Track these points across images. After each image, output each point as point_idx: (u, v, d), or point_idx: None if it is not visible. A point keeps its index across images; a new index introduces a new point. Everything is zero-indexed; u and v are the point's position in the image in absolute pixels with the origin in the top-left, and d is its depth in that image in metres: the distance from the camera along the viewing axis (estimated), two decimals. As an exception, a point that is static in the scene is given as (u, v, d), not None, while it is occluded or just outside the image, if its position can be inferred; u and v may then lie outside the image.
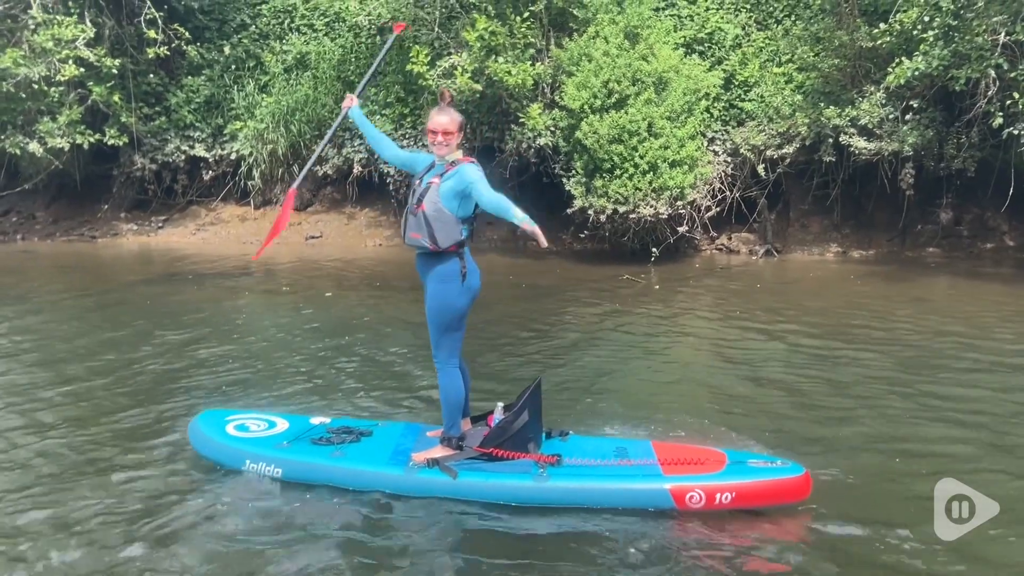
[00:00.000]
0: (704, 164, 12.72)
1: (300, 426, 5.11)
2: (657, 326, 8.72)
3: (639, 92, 12.19)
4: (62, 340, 8.11)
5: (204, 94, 16.09)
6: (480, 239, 14.97)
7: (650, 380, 6.81)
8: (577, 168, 12.55)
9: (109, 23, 15.39)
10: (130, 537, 4.10)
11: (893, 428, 5.60)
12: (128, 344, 7.91)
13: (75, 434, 5.47)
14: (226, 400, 6.12)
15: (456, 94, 13.14)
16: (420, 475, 4.55)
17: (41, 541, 4.07)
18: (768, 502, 4.38)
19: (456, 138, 4.60)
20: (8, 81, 14.51)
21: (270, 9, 16.49)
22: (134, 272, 12.84)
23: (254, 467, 4.72)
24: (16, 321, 8.97)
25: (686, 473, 4.44)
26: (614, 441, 5.00)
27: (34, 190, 16.92)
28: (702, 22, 13.88)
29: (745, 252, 13.44)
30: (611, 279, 11.41)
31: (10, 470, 4.93)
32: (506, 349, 7.76)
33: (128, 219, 16.82)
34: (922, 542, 4.07)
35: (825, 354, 7.49)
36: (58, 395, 6.33)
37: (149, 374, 6.89)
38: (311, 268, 12.88)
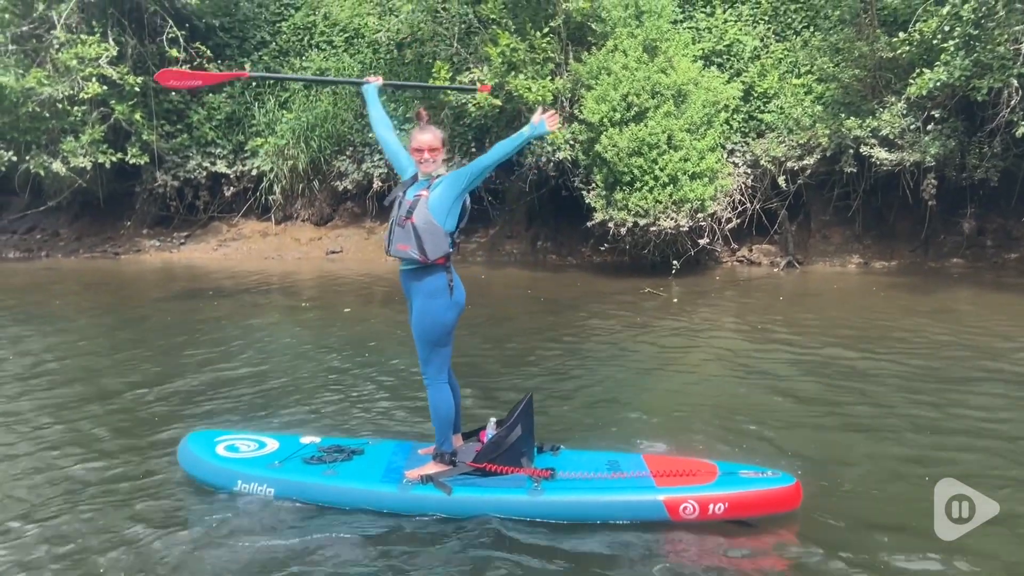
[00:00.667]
0: (724, 176, 12.70)
1: (290, 446, 5.09)
2: (678, 339, 8.69)
3: (658, 105, 12.19)
4: (80, 357, 8.20)
5: (225, 111, 16.24)
6: (499, 253, 15.01)
7: (670, 393, 6.80)
8: (597, 181, 12.56)
9: (131, 41, 15.59)
10: (123, 557, 4.09)
11: (911, 437, 5.58)
12: (143, 361, 7.97)
13: (73, 453, 5.47)
14: (224, 420, 6.07)
15: (475, 109, 13.21)
16: (414, 492, 4.56)
17: (31, 559, 4.09)
18: (760, 512, 4.41)
19: (441, 154, 4.66)
20: (32, 101, 14.69)
21: (290, 26, 16.65)
22: (156, 288, 12.95)
23: (246, 487, 4.71)
24: (36, 338, 9.04)
25: (679, 484, 4.47)
26: (606, 455, 4.99)
27: (58, 208, 17.13)
28: (720, 34, 13.88)
29: (766, 264, 13.38)
30: (632, 292, 11.38)
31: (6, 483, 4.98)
32: (527, 362, 7.77)
33: (150, 235, 16.97)
34: (922, 543, 4.10)
35: (847, 365, 7.44)
36: (68, 411, 6.36)
37: (157, 393, 6.89)
38: (332, 283, 12.94)
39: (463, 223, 4.63)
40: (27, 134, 15.26)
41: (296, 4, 16.82)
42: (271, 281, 13.10)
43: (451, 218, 4.54)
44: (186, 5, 15.40)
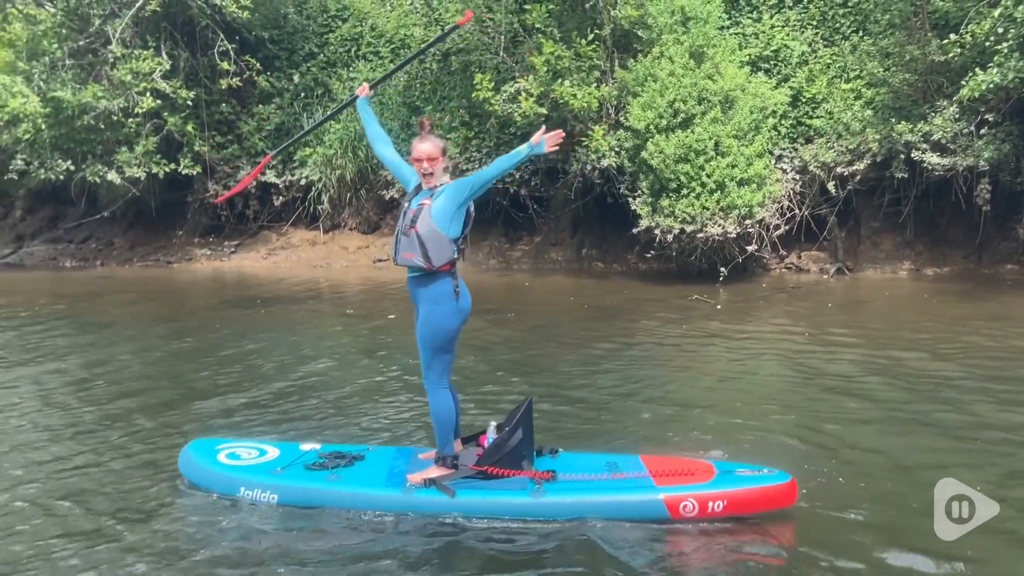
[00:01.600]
0: (772, 182, 12.61)
1: (291, 453, 5.13)
2: (725, 346, 8.62)
3: (705, 111, 12.16)
4: (122, 363, 8.37)
5: (275, 122, 16.51)
6: (544, 260, 15.04)
7: (714, 400, 6.74)
8: (643, 188, 12.54)
9: (184, 55, 15.93)
10: (132, 562, 4.13)
11: (931, 440, 5.54)
12: (176, 368, 8.13)
13: (88, 464, 5.50)
14: (231, 427, 6.12)
15: (520, 118, 13.26)
16: (418, 495, 4.61)
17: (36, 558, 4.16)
18: (758, 509, 4.48)
19: (440, 163, 4.67)
20: (89, 114, 15.08)
21: (337, 38, 16.89)
22: (206, 297, 13.17)
23: (249, 493, 4.75)
24: (85, 345, 9.25)
25: (678, 483, 4.54)
26: (604, 456, 5.04)
27: (112, 217, 17.55)
28: (767, 40, 13.80)
29: (815, 270, 13.24)
30: (678, 299, 11.34)
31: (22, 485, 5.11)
32: (572, 371, 7.74)
33: (201, 244, 17.30)
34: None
35: (894, 371, 7.33)
36: (101, 418, 6.47)
37: (172, 400, 6.99)
38: (378, 291, 13.06)
39: (468, 229, 4.68)
40: (83, 145, 15.67)
41: (343, 16, 17.06)
42: (319, 289, 13.28)
43: (455, 225, 4.58)
44: (236, 18, 15.68)
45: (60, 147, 15.60)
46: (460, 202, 4.55)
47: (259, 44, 16.77)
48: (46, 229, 19.25)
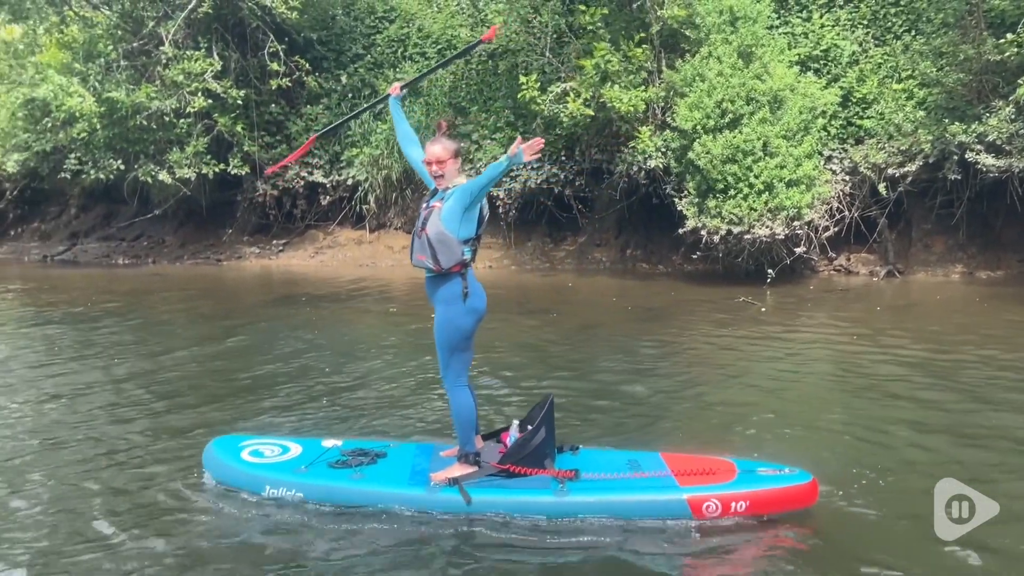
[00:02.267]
0: (821, 183, 12.46)
1: (313, 450, 5.14)
2: (769, 348, 8.52)
3: (754, 111, 12.05)
4: (169, 358, 8.52)
5: (322, 122, 16.69)
6: (588, 261, 15.03)
7: (752, 401, 6.67)
8: (689, 189, 12.47)
9: (234, 56, 16.19)
10: (155, 557, 4.19)
11: (982, 451, 5.38)
12: (223, 364, 8.27)
13: (117, 456, 5.59)
14: (262, 422, 6.20)
15: (567, 119, 13.26)
16: (442, 493, 4.63)
17: (61, 555, 4.22)
18: (780, 509, 4.48)
19: (449, 166, 4.69)
20: (142, 114, 15.39)
21: (384, 39, 17.03)
22: (254, 295, 13.35)
23: (274, 492, 4.77)
24: (134, 344, 9.41)
25: (701, 483, 4.53)
26: (625, 454, 5.05)
27: (164, 216, 17.88)
28: (817, 39, 13.64)
29: (865, 273, 13.06)
30: (724, 300, 11.24)
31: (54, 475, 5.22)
32: (612, 370, 7.73)
33: (250, 243, 17.56)
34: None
35: (943, 377, 7.16)
36: (137, 412, 6.59)
37: (220, 396, 7.09)
38: (421, 290, 13.05)
39: (481, 230, 4.70)
40: (135, 145, 16.00)
41: (390, 17, 17.21)
42: (364, 288, 13.39)
43: (465, 227, 4.59)
44: (286, 20, 15.89)
45: (113, 147, 15.96)
46: (464, 206, 4.55)
47: (308, 45, 16.98)
48: (99, 227, 19.69)
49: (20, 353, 8.95)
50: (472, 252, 4.67)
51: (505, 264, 15.29)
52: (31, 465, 5.45)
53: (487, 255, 15.65)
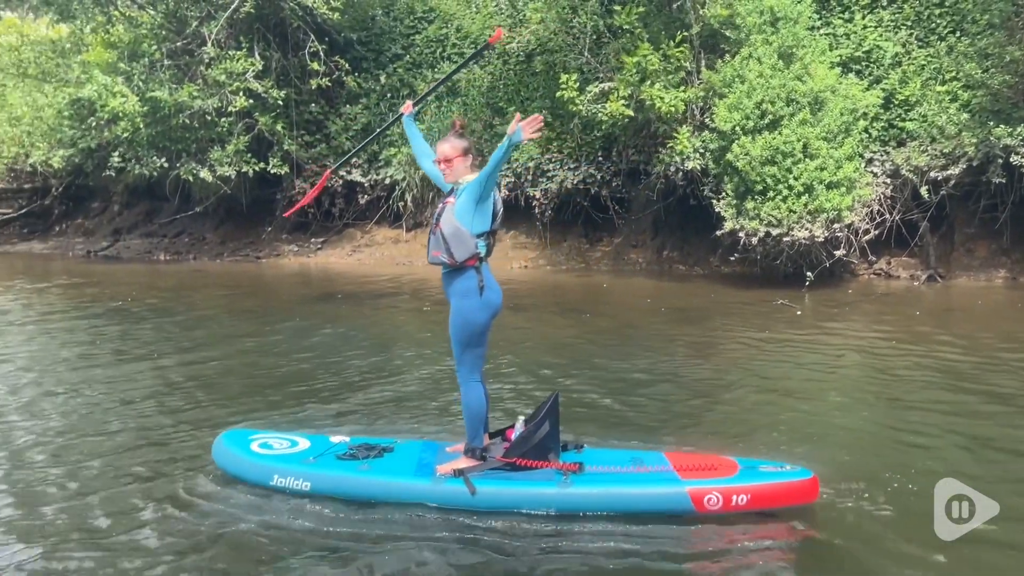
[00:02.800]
0: (862, 186, 12.33)
1: (321, 444, 5.24)
2: (804, 352, 8.44)
3: (794, 113, 11.96)
4: (202, 352, 8.72)
5: (361, 122, 16.85)
6: (623, 262, 15.00)
7: (784, 406, 6.64)
8: (727, 190, 12.40)
9: (276, 56, 16.38)
10: (162, 541, 4.32)
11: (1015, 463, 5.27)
12: (253, 358, 8.43)
13: (135, 447, 5.75)
14: (271, 417, 6.30)
15: (607, 118, 13.25)
16: (447, 485, 4.71)
17: (68, 540, 4.34)
18: (780, 504, 4.57)
19: (457, 163, 4.76)
20: (184, 113, 15.63)
21: (423, 39, 17.14)
22: (291, 291, 13.52)
23: (282, 482, 4.87)
24: (170, 337, 9.62)
25: (703, 477, 4.61)
26: (628, 452, 5.13)
27: (204, 213, 18.16)
28: (859, 40, 13.48)
29: (905, 277, 12.89)
30: (760, 303, 11.16)
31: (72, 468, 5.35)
32: (641, 370, 7.72)
33: (289, 241, 17.76)
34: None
35: (978, 384, 7.04)
36: (160, 403, 6.78)
37: (245, 389, 7.25)
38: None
39: (496, 224, 4.76)
40: (178, 143, 16.24)
41: (429, 18, 17.31)
42: (400, 286, 13.48)
43: (479, 220, 4.65)
44: (327, 20, 16.05)
45: (156, 145, 16.21)
46: (475, 198, 4.61)
47: (347, 45, 17.14)
48: (142, 223, 20.03)
49: (62, 344, 9.20)
50: (487, 247, 4.74)
51: (540, 264, 15.32)
52: (50, 451, 5.65)
53: (522, 255, 15.69)
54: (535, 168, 15.16)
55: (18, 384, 7.44)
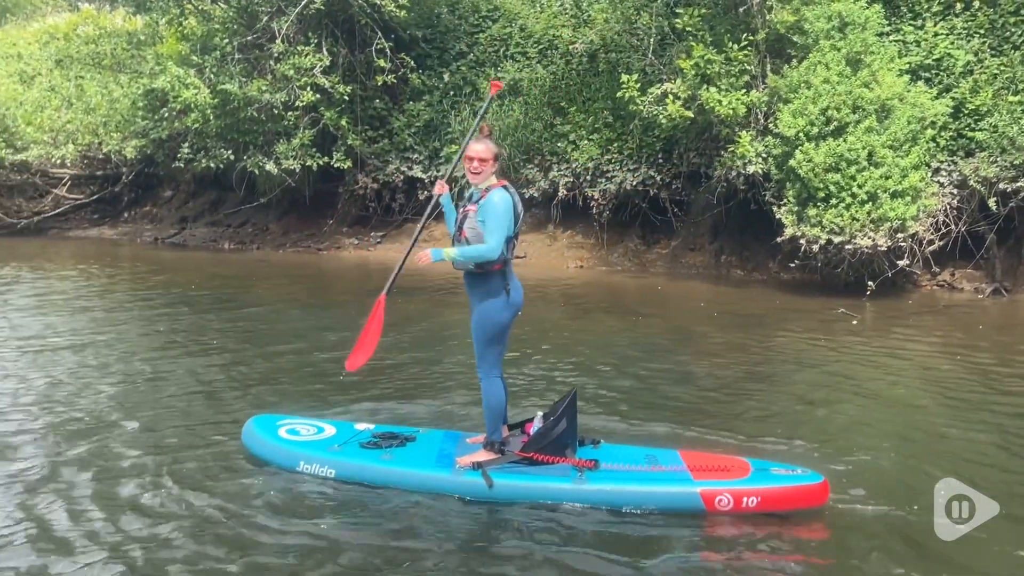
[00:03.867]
0: (928, 196, 12.13)
1: (346, 431, 5.45)
2: (857, 362, 8.36)
3: (860, 120, 11.82)
4: (249, 336, 9.18)
5: (424, 118, 17.05)
6: (680, 265, 14.95)
7: (823, 414, 6.68)
8: (789, 196, 12.30)
9: (343, 52, 16.66)
10: (188, 526, 4.51)
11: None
12: (302, 346, 8.76)
13: (168, 428, 6.04)
14: (300, 405, 6.50)
15: (666, 120, 13.24)
16: (466, 477, 4.87)
17: (96, 515, 4.61)
18: (790, 507, 4.69)
19: (490, 166, 4.94)
20: (252, 106, 15.99)
21: (487, 38, 17.28)
22: (349, 283, 13.82)
23: (308, 467, 5.09)
24: (228, 324, 9.98)
25: (715, 478, 4.75)
26: (644, 450, 5.27)
27: (268, 204, 18.54)
28: (930, 48, 13.25)
29: (969, 290, 12.64)
30: (818, 311, 11.06)
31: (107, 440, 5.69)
32: (683, 375, 7.82)
33: (349, 234, 18.06)
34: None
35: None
36: (203, 388, 7.11)
37: (287, 377, 7.59)
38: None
39: (519, 227, 4.98)
40: (245, 135, 16.62)
41: (493, 16, 17.45)
42: (454, 282, 13.60)
43: (501, 232, 4.82)
44: (393, 17, 16.28)
45: (224, 137, 16.60)
46: (481, 220, 4.83)
47: (412, 42, 17.35)
48: (208, 213, 20.52)
49: (129, 327, 9.75)
50: (510, 249, 4.91)
51: (595, 264, 15.35)
52: (86, 425, 6.07)
53: (577, 254, 15.73)
54: (594, 168, 15.20)
55: (82, 360, 7.96)
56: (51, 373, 7.46)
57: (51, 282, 13.05)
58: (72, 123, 19.98)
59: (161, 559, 4.14)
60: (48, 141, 19.63)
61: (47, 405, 6.51)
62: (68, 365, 7.76)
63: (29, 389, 6.96)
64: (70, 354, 8.19)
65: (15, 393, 6.84)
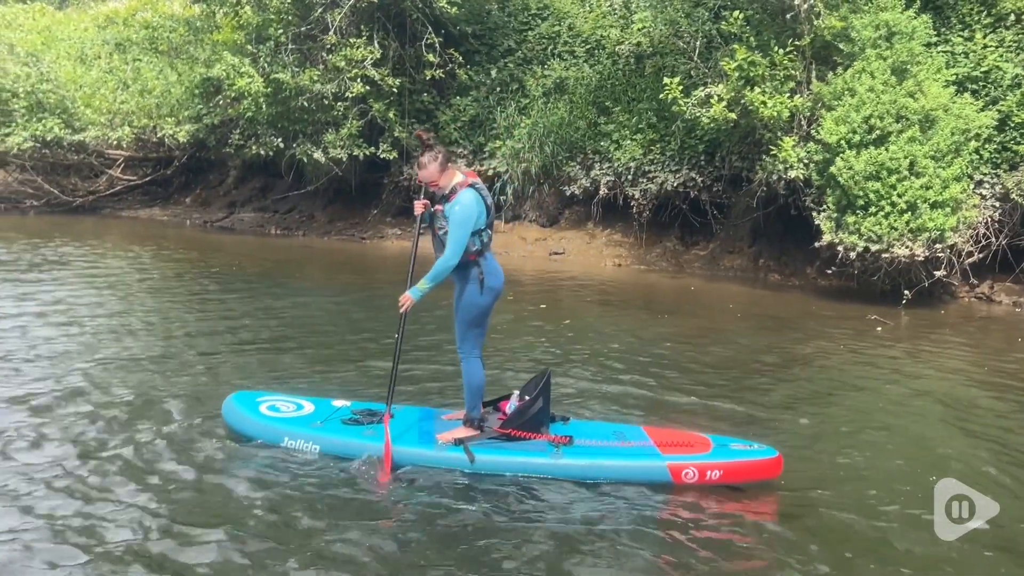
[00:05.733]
0: (969, 207, 12.12)
1: (325, 408, 5.70)
2: (879, 370, 8.46)
3: (903, 129, 11.86)
4: (278, 319, 9.61)
5: (470, 113, 17.32)
6: (718, 267, 15.06)
7: (840, 413, 6.86)
8: (828, 203, 12.36)
9: (393, 45, 16.98)
10: (175, 499, 4.75)
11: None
12: (323, 328, 9.22)
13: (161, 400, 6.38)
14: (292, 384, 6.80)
15: (709, 121, 13.35)
16: (449, 452, 5.21)
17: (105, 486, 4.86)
18: (748, 479, 5.17)
19: (443, 180, 5.27)
20: (304, 96, 16.38)
21: (535, 35, 17.50)
22: (389, 272, 14.10)
23: (292, 443, 5.34)
24: (264, 306, 10.44)
25: (680, 453, 5.20)
26: (611, 426, 5.71)
27: (315, 192, 18.95)
28: (978, 60, 13.21)
29: (1008, 303, 12.60)
30: (852, 318, 11.15)
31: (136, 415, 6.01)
32: (689, 369, 8.09)
33: (392, 224, 18.39)
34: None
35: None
36: (208, 363, 7.51)
37: (298, 357, 7.98)
38: (546, 281, 13.58)
39: (491, 219, 5.35)
40: (295, 124, 17.02)
41: (543, 15, 17.67)
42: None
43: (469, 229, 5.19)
44: (444, 13, 16.57)
45: (275, 124, 17.02)
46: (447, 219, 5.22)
47: (462, 38, 17.63)
48: (256, 198, 21.00)
49: (178, 303, 10.31)
50: (482, 241, 5.25)
51: (632, 263, 15.50)
52: (85, 388, 6.51)
53: (615, 252, 15.88)
54: (636, 168, 15.35)
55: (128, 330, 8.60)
56: (96, 349, 7.90)
57: (105, 259, 13.57)
58: (127, 104, 20.52)
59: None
60: (105, 123, 20.18)
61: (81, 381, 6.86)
62: (108, 339, 8.24)
63: (80, 361, 7.40)
64: (107, 329, 8.70)
65: (64, 363, 7.30)
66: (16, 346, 7.67)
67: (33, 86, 19.65)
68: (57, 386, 6.55)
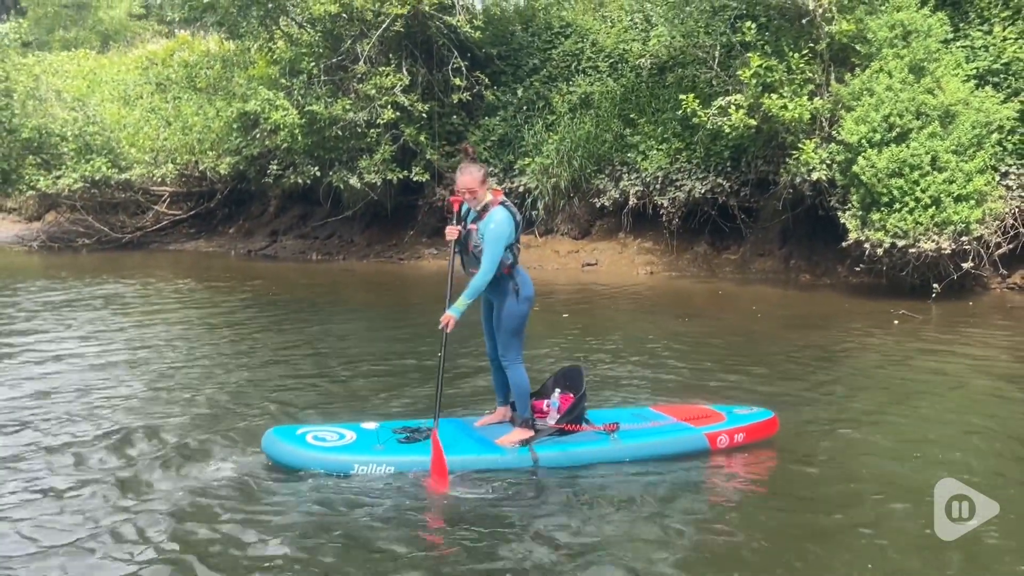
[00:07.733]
0: (994, 199, 12.20)
1: (365, 433, 5.66)
2: (904, 361, 8.67)
3: (923, 126, 12.00)
4: (315, 340, 10.05)
5: (499, 133, 17.74)
6: (749, 270, 15.25)
7: (853, 405, 7.06)
8: (853, 202, 12.52)
9: (422, 71, 17.49)
10: (242, 519, 4.83)
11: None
12: (355, 350, 9.62)
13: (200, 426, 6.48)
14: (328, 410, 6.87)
15: (730, 129, 13.60)
16: (520, 453, 5.55)
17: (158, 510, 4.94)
18: (759, 438, 5.96)
19: (480, 192, 5.55)
20: (337, 125, 16.95)
21: (559, 53, 17.89)
22: (427, 291, 14.41)
23: (364, 469, 5.31)
24: (302, 327, 10.87)
25: (709, 424, 5.91)
26: (625, 410, 6.33)
27: (353, 217, 19.49)
28: (998, 52, 13.29)
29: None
30: (882, 313, 11.30)
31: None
32: (705, 367, 8.41)
33: (428, 244, 18.84)
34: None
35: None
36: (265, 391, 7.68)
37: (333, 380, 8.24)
38: (581, 292, 13.91)
39: (520, 233, 5.67)
40: (331, 152, 17.60)
41: (565, 33, 18.06)
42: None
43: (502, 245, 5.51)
44: (469, 37, 17.04)
45: (311, 154, 17.61)
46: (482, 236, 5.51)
47: (488, 60, 18.08)
48: (296, 226, 21.59)
49: (217, 331, 10.72)
50: (514, 255, 5.61)
51: (664, 270, 15.73)
52: (120, 417, 6.65)
53: (647, 260, 16.13)
54: (664, 177, 15.62)
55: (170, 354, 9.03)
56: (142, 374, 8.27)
57: (158, 289, 14.22)
58: (169, 141, 21.28)
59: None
60: (149, 160, 20.96)
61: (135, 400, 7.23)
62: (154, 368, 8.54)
63: (133, 383, 7.84)
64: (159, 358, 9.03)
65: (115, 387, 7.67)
66: (62, 383, 7.73)
67: (80, 129, 20.49)
68: (98, 430, 6.36)
